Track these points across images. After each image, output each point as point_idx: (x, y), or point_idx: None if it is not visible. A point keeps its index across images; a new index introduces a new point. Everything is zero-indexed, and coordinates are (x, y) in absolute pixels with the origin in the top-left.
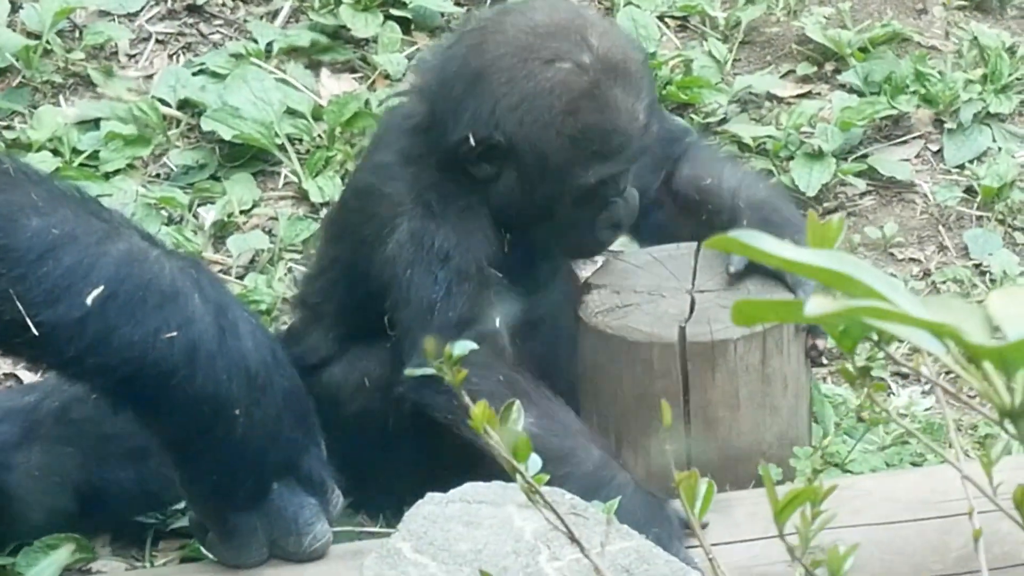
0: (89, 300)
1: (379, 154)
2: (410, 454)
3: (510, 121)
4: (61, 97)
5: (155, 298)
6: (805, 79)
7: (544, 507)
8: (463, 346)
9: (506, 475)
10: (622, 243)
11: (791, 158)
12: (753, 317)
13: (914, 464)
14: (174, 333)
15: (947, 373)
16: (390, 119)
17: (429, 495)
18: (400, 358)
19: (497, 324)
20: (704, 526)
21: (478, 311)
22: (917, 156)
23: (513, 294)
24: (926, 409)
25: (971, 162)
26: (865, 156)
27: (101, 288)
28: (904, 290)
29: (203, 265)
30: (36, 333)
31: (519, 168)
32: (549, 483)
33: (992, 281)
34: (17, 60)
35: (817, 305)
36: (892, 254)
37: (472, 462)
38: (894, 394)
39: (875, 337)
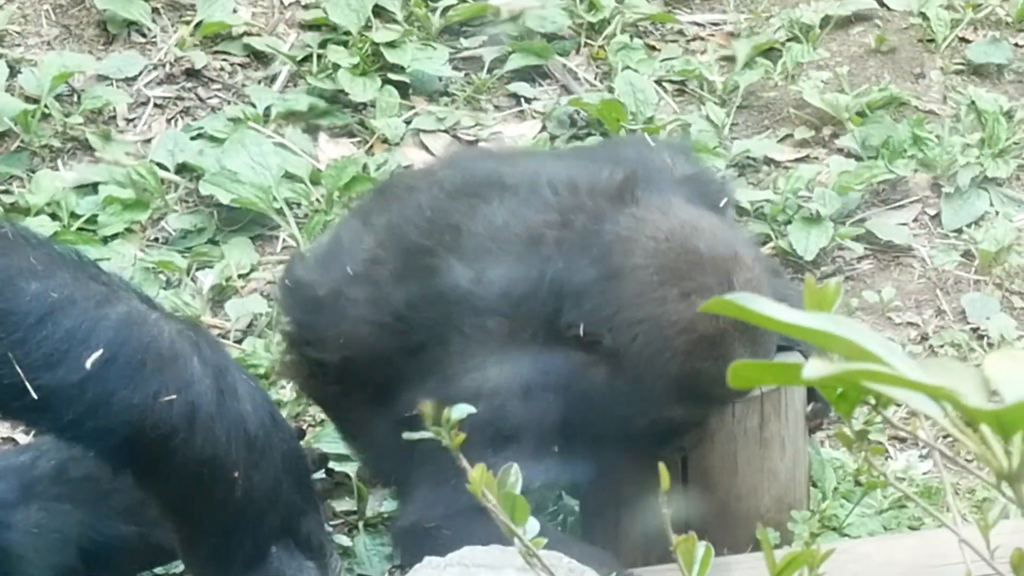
0: (88, 363)
1: (494, 274)
2: None
3: (625, 333)
4: (59, 161)
5: (154, 361)
6: (803, 143)
7: (542, 570)
8: (461, 410)
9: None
10: None
11: (789, 222)
12: (750, 379)
13: (912, 528)
14: (173, 396)
15: (945, 437)
16: (520, 218)
17: (427, 559)
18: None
19: None
20: None
21: None
22: (915, 220)
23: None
24: (924, 473)
25: (969, 226)
26: (863, 220)
27: (100, 351)
28: (901, 353)
29: (202, 328)
30: (35, 397)
31: (614, 375)
32: None
33: (990, 345)
34: (15, 124)
35: (815, 368)
36: (890, 318)
37: None
38: (892, 458)
39: (872, 401)
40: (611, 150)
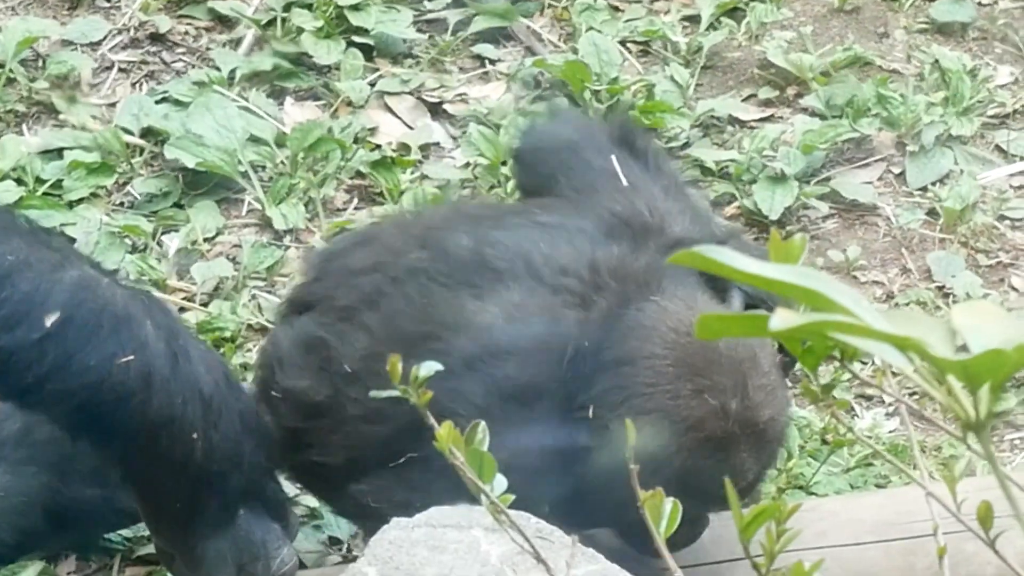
0: (47, 324)
1: (505, 355)
2: None
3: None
4: (24, 126)
5: (110, 323)
6: (767, 103)
7: (510, 528)
8: (429, 367)
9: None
10: None
11: (753, 182)
12: (718, 331)
13: (879, 486)
14: (130, 357)
15: (912, 394)
16: (531, 301)
17: (395, 520)
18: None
19: None
20: None
21: None
22: (879, 179)
23: None
24: (890, 431)
25: (933, 184)
26: (828, 179)
27: (58, 314)
28: (868, 304)
29: (151, 293)
30: None
31: (617, 461)
32: None
33: (956, 303)
34: None
35: (782, 319)
36: (855, 277)
37: None
38: (859, 417)
39: (838, 355)
40: (590, 214)
